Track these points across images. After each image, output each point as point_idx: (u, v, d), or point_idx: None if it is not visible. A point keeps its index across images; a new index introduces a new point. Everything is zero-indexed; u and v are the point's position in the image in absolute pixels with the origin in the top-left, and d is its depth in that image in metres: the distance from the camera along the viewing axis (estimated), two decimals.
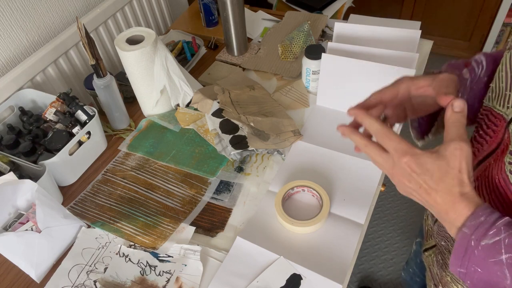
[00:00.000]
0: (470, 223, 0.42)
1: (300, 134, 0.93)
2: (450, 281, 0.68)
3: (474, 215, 0.42)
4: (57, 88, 1.11)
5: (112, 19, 1.27)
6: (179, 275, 0.73)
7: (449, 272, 0.68)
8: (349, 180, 0.84)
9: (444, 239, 0.69)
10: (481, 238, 0.42)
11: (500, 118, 0.51)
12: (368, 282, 1.62)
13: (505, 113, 0.50)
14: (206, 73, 1.14)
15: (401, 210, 1.83)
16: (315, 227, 0.76)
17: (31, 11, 1.05)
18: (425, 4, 2.36)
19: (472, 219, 0.42)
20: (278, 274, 0.71)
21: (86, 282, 0.73)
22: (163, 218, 0.81)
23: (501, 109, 0.51)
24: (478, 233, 0.42)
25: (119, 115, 1.00)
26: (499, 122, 0.52)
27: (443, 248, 0.70)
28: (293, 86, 1.06)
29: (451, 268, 0.46)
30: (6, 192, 0.75)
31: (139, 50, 0.88)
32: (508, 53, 0.51)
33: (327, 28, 1.24)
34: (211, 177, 0.88)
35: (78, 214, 0.84)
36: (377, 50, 0.93)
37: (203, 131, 0.96)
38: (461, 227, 0.43)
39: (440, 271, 0.72)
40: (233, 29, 1.12)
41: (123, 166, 0.93)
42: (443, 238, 0.69)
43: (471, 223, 0.42)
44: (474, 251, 0.42)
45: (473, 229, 0.42)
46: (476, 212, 0.42)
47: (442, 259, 0.71)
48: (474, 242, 0.42)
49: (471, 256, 0.43)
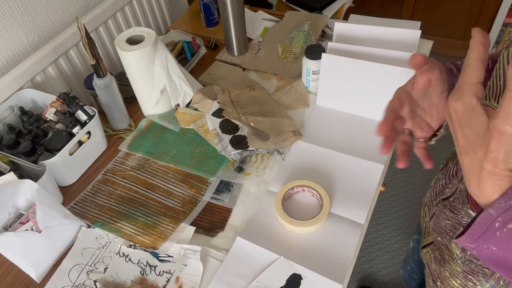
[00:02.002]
0: (499, 205, 0.40)
1: (300, 134, 0.93)
2: (449, 276, 0.68)
3: (505, 196, 0.40)
4: (57, 88, 1.11)
5: (112, 19, 1.27)
6: (179, 275, 0.73)
7: (448, 267, 0.68)
8: (349, 180, 0.84)
9: (440, 235, 0.70)
10: (509, 221, 0.39)
11: None
12: (368, 282, 1.62)
13: None
14: (206, 73, 1.14)
15: (401, 210, 1.83)
16: (315, 227, 0.76)
17: (31, 11, 1.05)
18: (425, 4, 2.36)
19: (502, 201, 0.40)
20: (278, 274, 0.71)
21: (86, 282, 0.73)
22: (163, 218, 0.81)
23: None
24: (506, 215, 0.39)
25: (119, 115, 1.00)
26: None
27: (440, 244, 0.70)
28: (293, 86, 1.06)
29: (458, 241, 0.44)
30: (6, 192, 0.75)
31: (139, 50, 0.88)
32: (505, 52, 0.51)
33: (327, 28, 1.25)
34: (211, 177, 0.88)
35: (78, 214, 0.84)
36: (377, 50, 0.93)
37: (203, 131, 0.96)
38: (488, 207, 0.40)
39: (438, 267, 0.72)
40: (233, 29, 1.12)
41: (123, 166, 0.93)
42: (439, 234, 0.70)
43: (500, 205, 0.40)
44: (496, 232, 0.40)
45: (501, 211, 0.39)
46: (508, 194, 0.40)
47: (439, 255, 0.72)
48: (499, 223, 0.40)
49: (490, 236, 0.41)
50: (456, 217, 0.64)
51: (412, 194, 1.88)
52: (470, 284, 0.63)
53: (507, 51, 0.51)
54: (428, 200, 0.80)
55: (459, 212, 0.63)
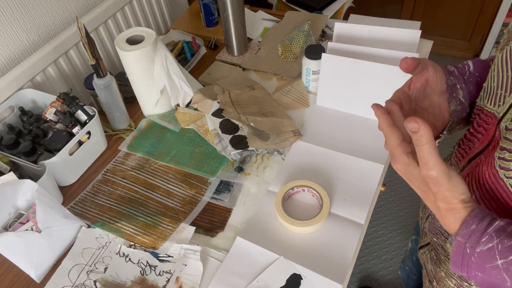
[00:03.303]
0: (463, 231, 0.43)
1: (300, 134, 0.93)
2: (444, 276, 0.69)
3: (465, 223, 0.43)
4: (57, 88, 1.11)
5: (112, 19, 1.27)
6: (179, 275, 0.73)
7: (443, 267, 0.69)
8: (349, 180, 0.84)
9: (435, 236, 0.70)
10: (475, 245, 0.42)
11: (492, 116, 0.53)
12: (368, 282, 1.62)
13: (496, 111, 0.52)
14: (206, 73, 1.14)
15: (401, 210, 1.83)
16: (315, 227, 0.76)
17: (31, 11, 1.05)
18: (425, 4, 2.36)
19: (464, 228, 0.43)
20: (278, 274, 0.71)
21: (86, 282, 0.73)
22: (163, 218, 0.81)
23: (492, 108, 0.53)
24: (471, 241, 0.43)
25: (119, 115, 1.00)
26: (490, 120, 0.53)
27: (436, 244, 0.71)
28: (293, 86, 1.06)
29: (453, 271, 0.47)
30: (6, 192, 0.75)
31: (139, 50, 0.88)
32: (500, 54, 0.52)
33: (327, 28, 1.24)
34: (211, 177, 0.88)
35: (78, 214, 0.84)
36: (377, 50, 0.93)
37: (203, 131, 0.96)
38: (455, 235, 0.44)
39: (434, 267, 0.73)
40: (233, 29, 1.12)
41: (123, 166, 0.93)
42: (434, 234, 0.70)
43: (463, 232, 0.43)
44: (471, 258, 0.43)
45: (466, 237, 0.43)
46: (467, 221, 0.43)
47: (436, 255, 0.72)
48: (469, 249, 0.43)
49: (469, 263, 0.44)
50: None
51: (412, 194, 1.88)
52: (465, 284, 0.63)
53: (501, 53, 0.52)
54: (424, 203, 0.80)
55: None
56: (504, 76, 0.50)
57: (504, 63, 0.51)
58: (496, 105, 0.52)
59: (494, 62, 0.53)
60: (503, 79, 0.51)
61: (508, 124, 0.48)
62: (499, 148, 0.48)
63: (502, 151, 0.47)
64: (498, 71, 0.52)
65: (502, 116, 0.50)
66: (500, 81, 0.51)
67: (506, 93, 0.50)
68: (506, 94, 0.50)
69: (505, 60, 0.51)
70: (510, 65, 0.50)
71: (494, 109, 0.52)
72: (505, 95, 0.50)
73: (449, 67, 0.60)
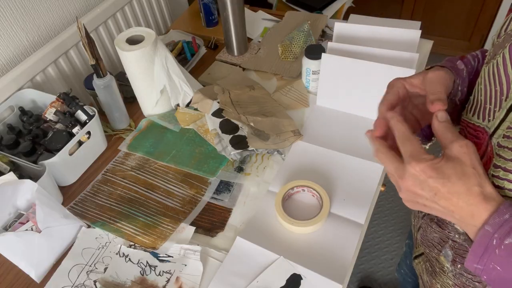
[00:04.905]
0: (494, 220, 0.41)
1: (300, 134, 0.93)
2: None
3: (498, 212, 0.41)
4: (57, 88, 1.11)
5: (112, 19, 1.27)
6: (179, 275, 0.73)
7: (439, 279, 0.67)
8: (349, 180, 0.84)
9: (427, 248, 0.69)
10: (505, 237, 0.40)
11: (482, 131, 0.51)
12: (368, 282, 1.62)
13: (486, 126, 0.50)
14: (206, 73, 1.14)
15: (401, 210, 1.83)
16: (315, 227, 0.76)
17: (31, 11, 1.05)
18: (425, 4, 2.36)
19: (496, 217, 0.41)
20: (278, 274, 0.71)
21: (86, 282, 0.73)
22: (163, 218, 0.81)
23: (482, 123, 0.51)
24: (501, 231, 0.40)
25: (119, 115, 1.00)
26: (481, 134, 0.51)
27: (430, 256, 0.70)
28: (293, 86, 1.06)
29: (466, 264, 0.44)
30: (6, 192, 0.75)
31: (139, 50, 0.88)
32: (486, 67, 0.51)
33: (327, 28, 1.24)
34: (211, 177, 0.88)
35: (78, 214, 0.84)
36: (377, 50, 0.93)
37: (203, 131, 0.96)
38: (484, 224, 0.41)
39: (430, 279, 0.71)
40: (233, 29, 1.12)
41: (123, 166, 0.93)
42: (427, 247, 0.69)
43: (495, 221, 0.41)
44: (495, 250, 0.41)
45: (496, 227, 0.40)
46: (500, 210, 0.41)
47: (431, 267, 0.71)
48: (496, 240, 0.41)
49: (492, 255, 0.41)
50: (443, 232, 0.63)
51: None
52: None
53: (487, 67, 0.51)
54: (415, 211, 0.78)
55: (446, 227, 0.62)
56: (492, 90, 0.49)
57: (492, 77, 0.49)
58: (486, 119, 0.50)
59: (481, 75, 0.52)
60: (490, 93, 0.50)
61: (500, 140, 0.46)
62: (493, 165, 0.47)
63: (497, 169, 0.46)
64: (485, 84, 0.51)
65: (494, 131, 0.48)
66: (488, 96, 0.50)
67: (496, 108, 0.49)
68: (496, 109, 0.49)
69: (491, 74, 0.49)
70: (498, 79, 0.48)
71: (484, 124, 0.51)
72: (495, 110, 0.49)
73: (459, 64, 0.58)
